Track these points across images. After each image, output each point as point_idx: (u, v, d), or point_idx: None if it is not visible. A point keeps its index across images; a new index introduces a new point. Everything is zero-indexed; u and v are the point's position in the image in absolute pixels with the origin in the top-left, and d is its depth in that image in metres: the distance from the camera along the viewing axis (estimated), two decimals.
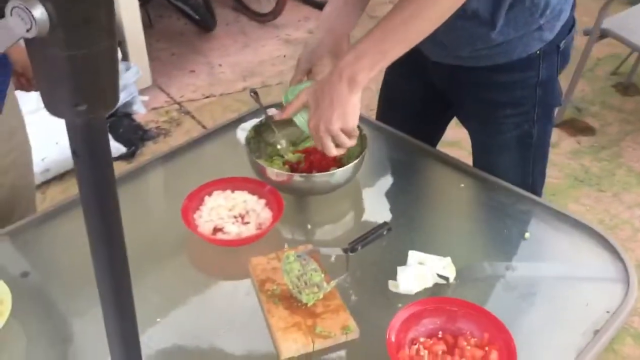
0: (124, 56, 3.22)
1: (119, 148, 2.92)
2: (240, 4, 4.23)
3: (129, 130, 3.08)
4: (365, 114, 1.57)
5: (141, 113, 3.24)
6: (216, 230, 1.29)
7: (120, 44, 3.16)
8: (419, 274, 1.18)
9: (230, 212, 1.32)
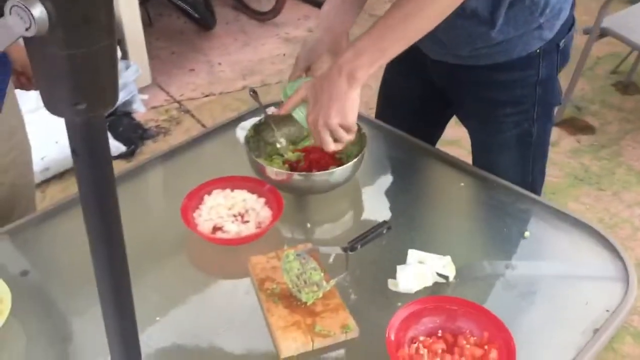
0: (124, 55, 3.22)
1: (119, 147, 2.92)
2: (240, 3, 4.23)
3: (128, 129, 3.08)
4: (364, 113, 1.57)
5: (141, 112, 3.24)
6: (216, 229, 1.29)
7: (120, 42, 3.16)
8: (418, 272, 1.18)
9: (229, 211, 1.32)
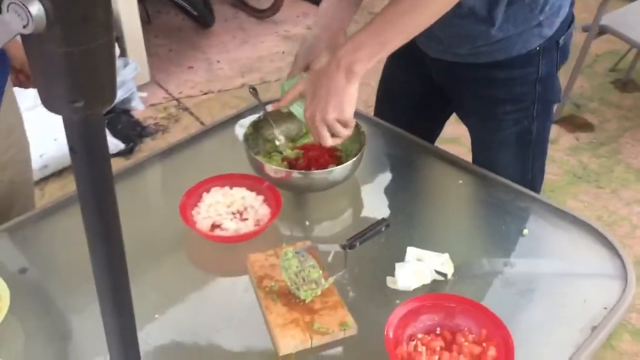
0: (122, 52, 3.21)
1: (117, 144, 2.91)
2: (238, 0, 4.22)
3: (127, 126, 3.07)
4: (364, 111, 1.57)
5: (139, 109, 3.24)
6: (214, 226, 1.29)
7: (118, 40, 3.15)
8: (417, 270, 1.18)
9: (228, 209, 1.31)
